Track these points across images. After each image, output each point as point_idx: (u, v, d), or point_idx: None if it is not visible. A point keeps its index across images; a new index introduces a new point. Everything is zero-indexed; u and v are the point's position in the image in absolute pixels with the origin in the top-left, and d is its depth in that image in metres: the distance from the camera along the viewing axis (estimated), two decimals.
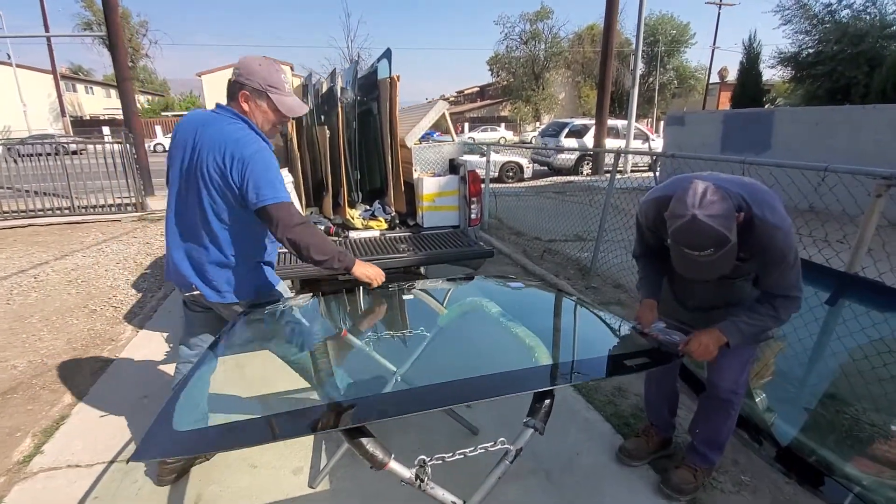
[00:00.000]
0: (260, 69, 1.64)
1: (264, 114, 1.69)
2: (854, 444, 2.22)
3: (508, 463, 1.30)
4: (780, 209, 1.48)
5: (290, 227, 1.62)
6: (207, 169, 1.62)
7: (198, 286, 1.78)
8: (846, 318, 2.27)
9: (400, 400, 1.21)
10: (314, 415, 1.17)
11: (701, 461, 1.95)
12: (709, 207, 1.35)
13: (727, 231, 1.35)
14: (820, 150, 7.52)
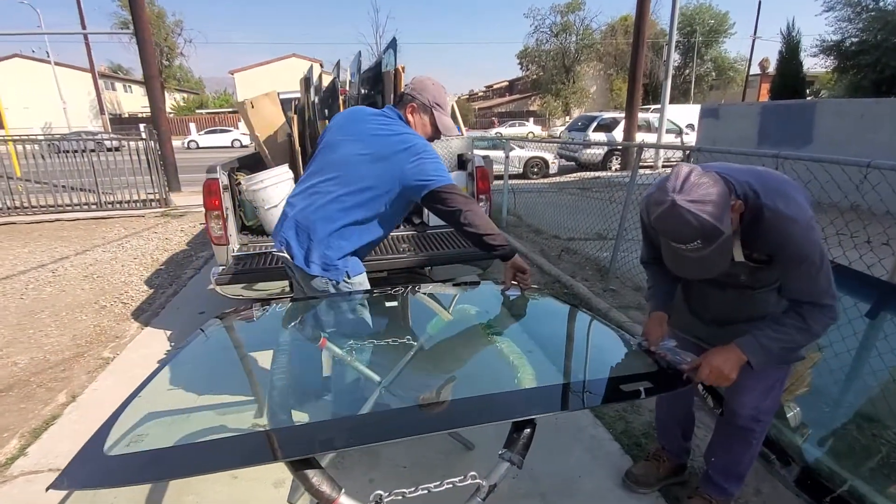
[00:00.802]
0: (431, 88, 1.83)
1: (423, 126, 1.85)
2: (891, 473, 1.97)
3: (480, 500, 1.15)
4: (799, 199, 1.25)
5: (468, 201, 1.72)
6: (367, 152, 1.72)
7: (291, 249, 1.78)
8: (888, 333, 2.02)
9: (354, 427, 1.07)
10: (252, 443, 1.05)
11: (717, 493, 1.73)
12: (691, 192, 1.14)
13: (715, 220, 1.13)
14: (864, 144, 7.00)
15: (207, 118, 39.44)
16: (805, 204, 1.26)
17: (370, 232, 1.82)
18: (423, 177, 1.69)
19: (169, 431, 1.26)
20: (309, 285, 1.81)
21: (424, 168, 1.69)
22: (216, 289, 2.79)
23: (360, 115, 1.87)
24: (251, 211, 3.28)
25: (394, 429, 1.07)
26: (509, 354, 1.39)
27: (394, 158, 1.70)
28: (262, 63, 40.80)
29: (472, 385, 1.31)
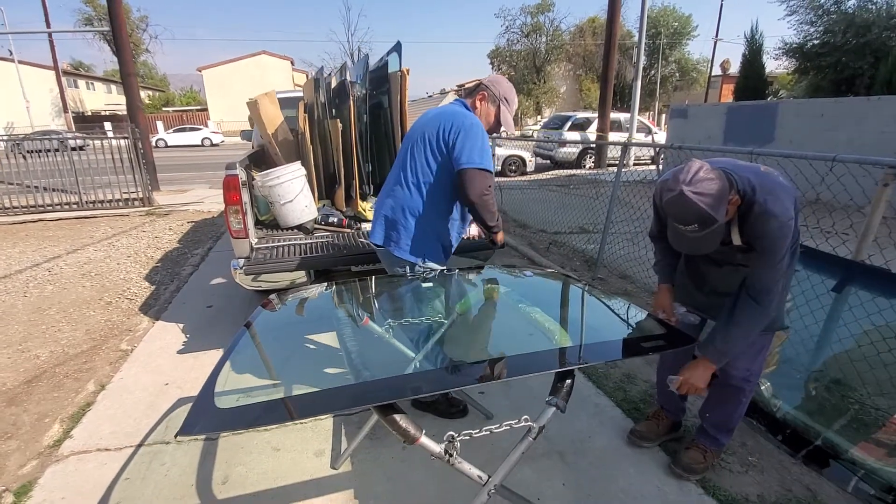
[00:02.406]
0: (505, 84, 2.07)
1: (487, 116, 2.07)
2: (859, 427, 2.28)
3: (531, 439, 1.36)
4: (785, 201, 1.48)
5: (481, 192, 1.91)
6: (428, 136, 1.99)
7: (374, 232, 2.12)
8: (852, 305, 2.33)
9: (430, 378, 1.27)
10: (350, 393, 1.23)
11: (711, 443, 2.01)
12: (697, 185, 1.39)
13: (712, 211, 1.39)
14: (823, 142, 7.54)
15: (175, 116, 38.39)
16: (790, 206, 1.48)
17: (453, 216, 2.11)
18: (460, 152, 1.90)
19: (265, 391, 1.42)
20: (392, 268, 2.10)
21: (465, 145, 1.90)
22: (238, 280, 2.92)
23: (427, 113, 2.10)
24: (265, 206, 3.41)
25: (464, 378, 1.27)
26: (543, 321, 1.62)
27: (444, 132, 1.94)
28: (231, 60, 39.95)
29: (519, 346, 1.53)
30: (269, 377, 1.48)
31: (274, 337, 1.72)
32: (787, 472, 2.05)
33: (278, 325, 1.90)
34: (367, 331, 1.80)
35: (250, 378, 1.47)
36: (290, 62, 42.11)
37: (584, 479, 1.98)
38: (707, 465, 1.99)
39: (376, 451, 2.14)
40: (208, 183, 11.77)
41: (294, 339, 1.74)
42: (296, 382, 1.66)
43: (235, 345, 1.53)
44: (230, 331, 3.35)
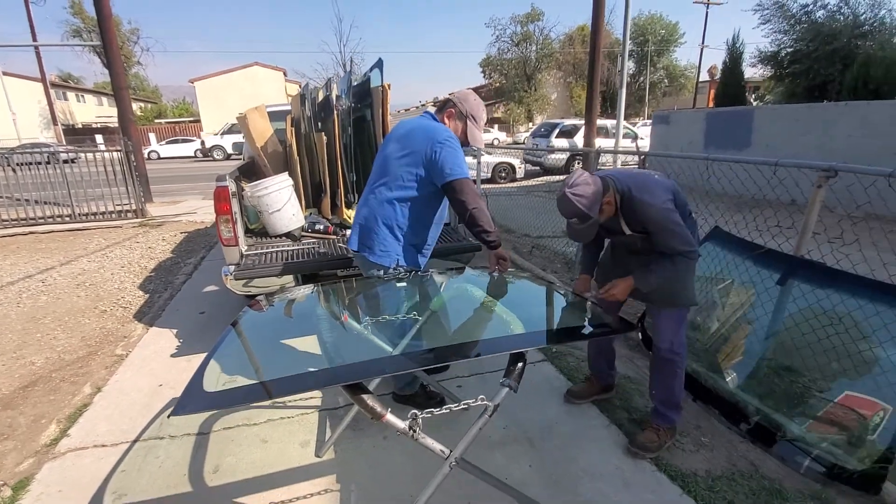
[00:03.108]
0: (472, 101, 2.16)
1: (455, 132, 2.15)
2: (805, 409, 2.47)
3: (488, 416, 1.54)
4: (658, 192, 1.90)
5: (474, 202, 2.05)
6: (405, 149, 2.11)
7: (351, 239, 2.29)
8: (796, 297, 2.54)
9: (394, 361, 1.44)
10: (322, 375, 1.40)
11: (662, 421, 2.23)
12: (576, 188, 1.83)
13: (586, 208, 1.81)
14: (796, 146, 7.83)
15: (167, 128, 38.45)
16: (662, 194, 1.90)
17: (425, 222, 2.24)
18: (443, 165, 2.03)
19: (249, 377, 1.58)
20: (367, 272, 2.25)
21: (445, 157, 2.02)
22: (229, 285, 3.07)
23: (400, 125, 2.24)
24: (254, 215, 3.58)
25: (427, 359, 1.44)
26: (502, 314, 1.80)
27: (421, 146, 2.08)
28: (223, 71, 40.10)
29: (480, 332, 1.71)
30: (253, 367, 1.64)
31: (259, 334, 1.89)
32: (734, 450, 2.23)
33: (263, 323, 2.06)
34: (346, 327, 1.97)
35: (235, 368, 1.64)
36: (282, 73, 42.34)
37: (548, 460, 2.15)
38: (661, 444, 2.18)
39: (358, 440, 2.30)
40: (202, 194, 11.90)
41: (277, 336, 1.90)
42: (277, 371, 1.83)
43: (223, 340, 1.70)
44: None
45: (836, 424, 2.26)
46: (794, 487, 1.96)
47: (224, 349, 1.67)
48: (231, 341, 1.73)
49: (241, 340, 1.79)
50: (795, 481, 2.01)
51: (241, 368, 1.63)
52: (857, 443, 2.12)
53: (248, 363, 1.66)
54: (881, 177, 2.09)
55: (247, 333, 1.86)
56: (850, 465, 1.99)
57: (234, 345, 1.72)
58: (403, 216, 2.16)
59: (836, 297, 2.34)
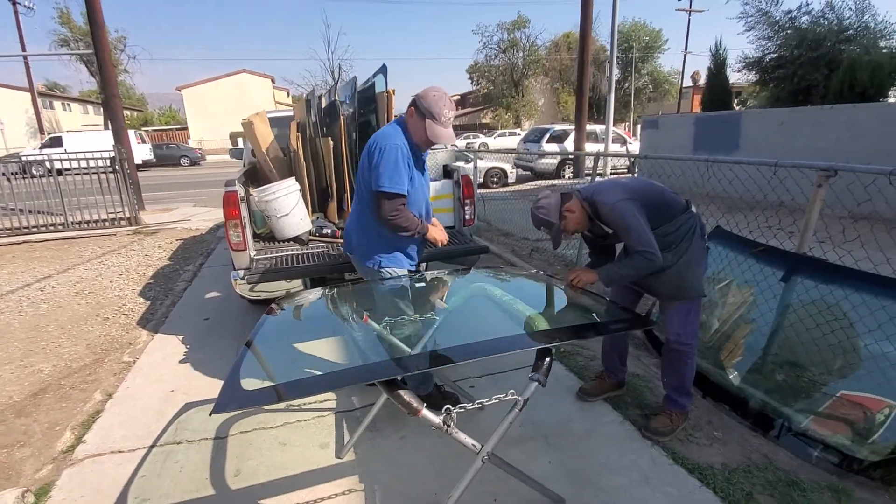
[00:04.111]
0: (430, 98, 2.10)
1: (418, 131, 2.15)
2: (811, 403, 2.53)
3: (518, 411, 1.57)
4: (612, 193, 2.09)
5: (383, 215, 2.14)
6: (366, 156, 2.21)
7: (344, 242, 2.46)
8: (799, 293, 2.61)
9: (431, 357, 1.47)
10: (360, 371, 1.43)
11: (673, 406, 2.32)
12: (538, 203, 2.20)
13: (547, 217, 2.15)
14: (784, 149, 8.01)
15: (154, 136, 38.07)
16: (616, 193, 2.07)
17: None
18: (373, 174, 2.13)
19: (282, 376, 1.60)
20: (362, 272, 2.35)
21: (377, 168, 2.10)
22: (238, 289, 3.08)
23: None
24: (261, 220, 3.59)
25: (461, 355, 1.47)
26: (525, 311, 1.84)
27: (371, 154, 2.16)
28: (211, 79, 39.94)
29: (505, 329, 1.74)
30: (284, 367, 1.66)
31: (282, 337, 1.91)
32: (747, 443, 2.28)
33: (284, 327, 2.09)
34: (368, 327, 2.00)
35: (268, 366, 1.66)
36: (270, 80, 42.26)
37: (567, 456, 2.19)
38: (674, 428, 2.26)
39: (376, 441, 2.32)
40: (193, 201, 11.82)
41: (301, 338, 1.93)
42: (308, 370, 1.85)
43: (251, 342, 1.71)
44: (229, 341, 3.50)
45: (842, 419, 2.32)
46: (809, 479, 2.02)
47: (252, 351, 1.69)
48: (258, 344, 1.74)
49: (267, 344, 1.80)
50: (810, 472, 2.06)
51: (273, 368, 1.66)
52: (866, 435, 2.18)
53: (278, 364, 1.68)
54: (882, 175, 2.18)
55: (271, 337, 1.88)
56: (860, 456, 2.05)
57: (261, 347, 1.74)
58: (376, 220, 2.23)
59: (839, 292, 2.42)
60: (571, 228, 2.24)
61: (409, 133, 2.19)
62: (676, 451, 2.21)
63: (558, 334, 1.62)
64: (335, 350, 1.93)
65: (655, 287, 2.27)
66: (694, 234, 2.18)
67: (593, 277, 2.19)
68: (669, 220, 2.16)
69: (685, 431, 2.35)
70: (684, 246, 2.16)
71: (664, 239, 2.11)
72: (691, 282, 2.20)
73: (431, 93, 2.11)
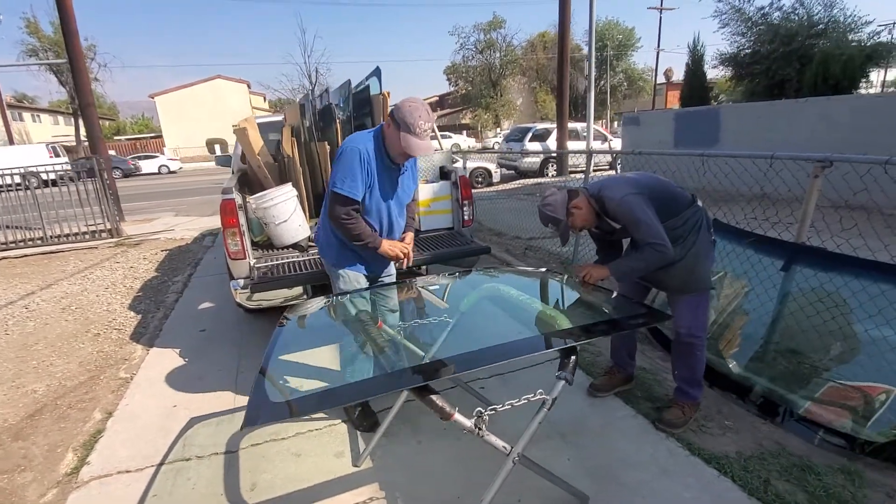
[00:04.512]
0: (406, 108, 2.02)
1: (392, 140, 2.10)
2: (814, 389, 2.59)
3: (547, 410, 1.57)
4: (618, 188, 2.09)
5: (332, 216, 2.12)
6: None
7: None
8: (799, 282, 2.67)
9: (460, 361, 1.46)
10: (391, 378, 1.41)
11: (685, 398, 2.35)
12: (545, 200, 2.22)
13: (554, 214, 2.16)
14: (762, 142, 8.22)
15: (128, 145, 37.23)
16: (623, 188, 2.08)
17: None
18: (332, 174, 2.15)
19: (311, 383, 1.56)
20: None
21: (335, 167, 2.13)
22: (239, 299, 3.01)
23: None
24: (258, 227, 3.52)
25: (490, 357, 1.46)
26: (545, 309, 1.84)
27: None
28: (185, 85, 39.19)
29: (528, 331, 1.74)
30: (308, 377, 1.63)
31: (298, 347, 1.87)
32: (758, 431, 2.32)
33: (298, 337, 2.05)
34: (383, 333, 1.97)
35: (290, 380, 1.62)
36: (246, 85, 41.64)
37: (585, 453, 2.20)
38: (686, 419, 2.29)
39: (392, 447, 2.29)
40: (174, 210, 11.58)
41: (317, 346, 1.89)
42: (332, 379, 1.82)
43: (270, 354, 1.68)
44: (227, 352, 3.42)
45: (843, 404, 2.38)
46: (822, 463, 2.06)
47: (273, 363, 1.65)
48: (277, 355, 1.71)
49: (287, 354, 1.77)
50: (822, 457, 2.11)
51: (297, 379, 1.62)
52: (868, 417, 2.24)
53: (301, 374, 1.65)
54: (877, 164, 2.24)
55: (289, 347, 1.85)
56: (867, 438, 2.10)
57: (282, 358, 1.70)
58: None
59: (839, 280, 2.48)
60: (579, 225, 2.24)
61: (385, 143, 2.15)
62: (691, 442, 2.24)
63: (581, 332, 1.62)
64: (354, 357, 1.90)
65: (664, 281, 2.30)
66: (701, 228, 2.21)
67: (604, 273, 2.19)
68: (677, 215, 2.18)
69: (697, 422, 2.38)
70: (692, 239, 2.19)
71: (672, 233, 2.13)
72: (700, 275, 2.23)
73: (407, 104, 2.04)
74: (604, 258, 2.48)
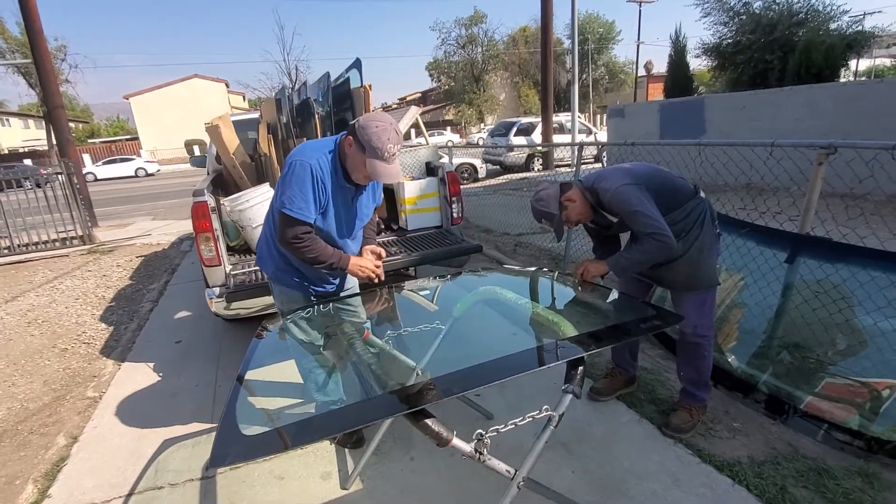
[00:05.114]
0: (373, 131, 1.72)
1: (355, 163, 1.80)
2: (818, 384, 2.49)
3: (553, 428, 1.42)
4: (614, 178, 1.98)
5: (282, 241, 1.85)
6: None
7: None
8: (803, 274, 2.57)
9: (458, 379, 1.30)
10: (380, 403, 1.24)
11: (692, 400, 2.23)
12: (537, 195, 2.09)
13: (546, 209, 2.05)
14: (747, 131, 8.20)
15: (102, 148, 36.25)
16: (619, 178, 1.97)
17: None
18: (277, 191, 1.85)
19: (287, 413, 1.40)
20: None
21: (282, 185, 1.81)
22: (214, 308, 2.82)
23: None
24: (234, 231, 3.32)
25: (488, 375, 1.31)
26: (546, 314, 1.69)
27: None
28: (161, 86, 38.27)
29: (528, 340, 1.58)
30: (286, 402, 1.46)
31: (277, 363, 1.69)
32: (768, 432, 2.21)
33: (277, 351, 1.87)
34: (369, 344, 1.81)
35: (267, 404, 1.45)
36: (224, 84, 40.84)
37: (590, 464, 2.06)
38: (694, 422, 2.18)
39: (384, 466, 2.13)
40: (150, 215, 11.22)
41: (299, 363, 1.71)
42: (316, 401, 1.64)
43: (243, 375, 1.49)
44: (205, 366, 3.22)
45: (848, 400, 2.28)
46: (839, 465, 1.95)
47: (246, 385, 1.47)
48: (251, 375, 1.53)
49: (262, 374, 1.59)
50: (837, 458, 2.00)
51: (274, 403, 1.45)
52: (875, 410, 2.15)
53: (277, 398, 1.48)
54: (884, 150, 2.13)
55: (264, 365, 1.67)
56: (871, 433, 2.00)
57: (256, 379, 1.53)
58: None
59: (846, 271, 2.38)
60: (573, 219, 2.10)
61: (345, 163, 1.85)
62: (701, 447, 2.11)
63: (590, 341, 1.47)
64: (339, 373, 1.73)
65: (667, 277, 2.16)
66: (705, 220, 2.08)
67: (603, 268, 2.04)
68: (679, 207, 2.05)
69: (705, 425, 2.26)
70: (695, 233, 2.06)
71: (675, 227, 1.99)
72: (705, 270, 2.10)
73: (374, 124, 1.73)
74: (601, 255, 2.35)
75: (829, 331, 2.46)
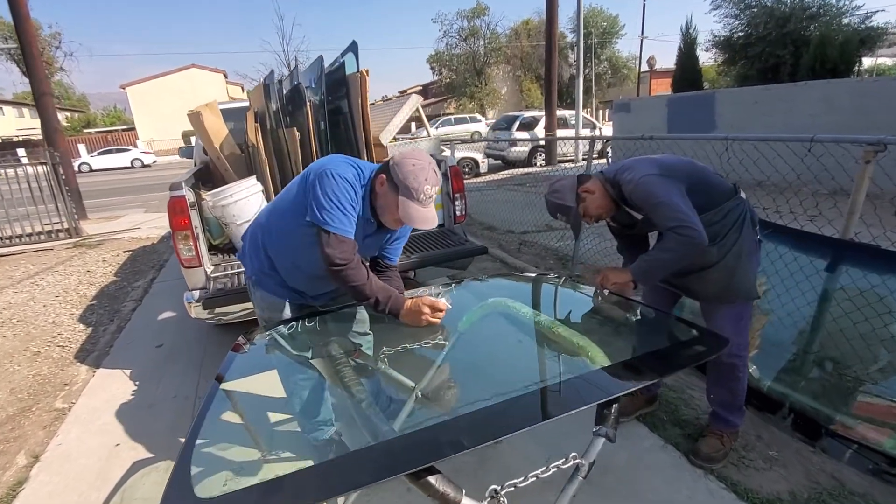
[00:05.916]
0: (409, 170, 1.53)
1: (387, 203, 1.59)
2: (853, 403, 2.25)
3: (582, 479, 1.18)
4: (638, 169, 1.75)
5: (327, 262, 1.56)
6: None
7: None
8: (844, 284, 2.32)
9: (466, 428, 1.05)
10: (371, 460, 0.99)
11: (724, 426, 2.00)
12: (552, 188, 1.91)
13: (562, 201, 1.85)
14: (760, 127, 7.92)
15: (98, 138, 35.83)
16: (643, 168, 1.75)
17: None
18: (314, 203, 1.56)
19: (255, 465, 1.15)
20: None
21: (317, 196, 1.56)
22: (194, 314, 2.56)
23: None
24: (217, 228, 3.06)
25: (508, 424, 1.06)
26: (571, 337, 1.43)
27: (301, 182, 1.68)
28: (158, 75, 37.79)
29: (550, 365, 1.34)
30: (256, 445, 1.21)
31: (253, 388, 1.44)
32: (809, 462, 1.97)
33: (254, 370, 1.61)
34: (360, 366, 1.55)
35: (231, 449, 1.20)
36: (223, 75, 40.38)
37: (613, 498, 1.82)
38: (726, 451, 1.96)
39: (376, 495, 1.89)
40: (143, 207, 10.94)
41: (278, 389, 1.46)
42: (290, 448, 1.39)
43: (207, 407, 1.24)
44: (186, 371, 2.98)
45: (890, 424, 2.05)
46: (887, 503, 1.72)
47: (210, 422, 1.22)
48: (219, 406, 1.28)
49: (232, 405, 1.34)
50: (885, 493, 1.77)
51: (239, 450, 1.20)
52: None
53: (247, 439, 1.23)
54: None
55: (237, 392, 1.41)
56: None
57: (222, 413, 1.27)
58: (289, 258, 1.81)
59: (893, 282, 2.14)
60: (592, 212, 1.84)
61: (374, 204, 1.63)
62: (735, 480, 1.88)
63: (629, 375, 1.22)
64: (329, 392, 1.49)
65: (698, 287, 1.91)
66: (744, 224, 1.82)
67: (626, 277, 1.77)
68: (715, 206, 1.79)
69: (737, 453, 2.02)
70: (733, 237, 1.80)
71: (710, 229, 1.72)
72: (742, 281, 1.84)
73: (410, 162, 1.55)
74: (628, 260, 2.09)
75: (872, 347, 2.22)
